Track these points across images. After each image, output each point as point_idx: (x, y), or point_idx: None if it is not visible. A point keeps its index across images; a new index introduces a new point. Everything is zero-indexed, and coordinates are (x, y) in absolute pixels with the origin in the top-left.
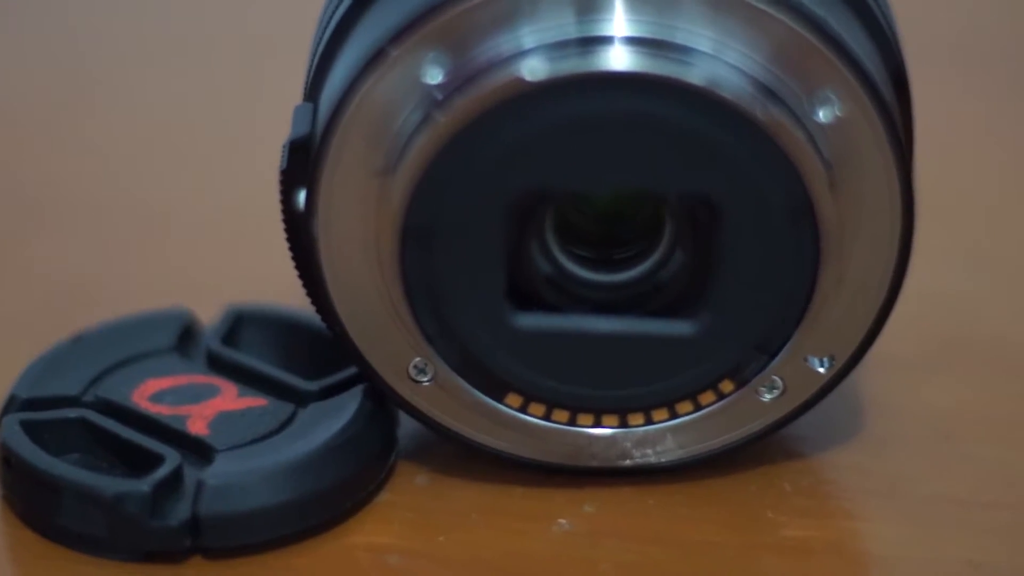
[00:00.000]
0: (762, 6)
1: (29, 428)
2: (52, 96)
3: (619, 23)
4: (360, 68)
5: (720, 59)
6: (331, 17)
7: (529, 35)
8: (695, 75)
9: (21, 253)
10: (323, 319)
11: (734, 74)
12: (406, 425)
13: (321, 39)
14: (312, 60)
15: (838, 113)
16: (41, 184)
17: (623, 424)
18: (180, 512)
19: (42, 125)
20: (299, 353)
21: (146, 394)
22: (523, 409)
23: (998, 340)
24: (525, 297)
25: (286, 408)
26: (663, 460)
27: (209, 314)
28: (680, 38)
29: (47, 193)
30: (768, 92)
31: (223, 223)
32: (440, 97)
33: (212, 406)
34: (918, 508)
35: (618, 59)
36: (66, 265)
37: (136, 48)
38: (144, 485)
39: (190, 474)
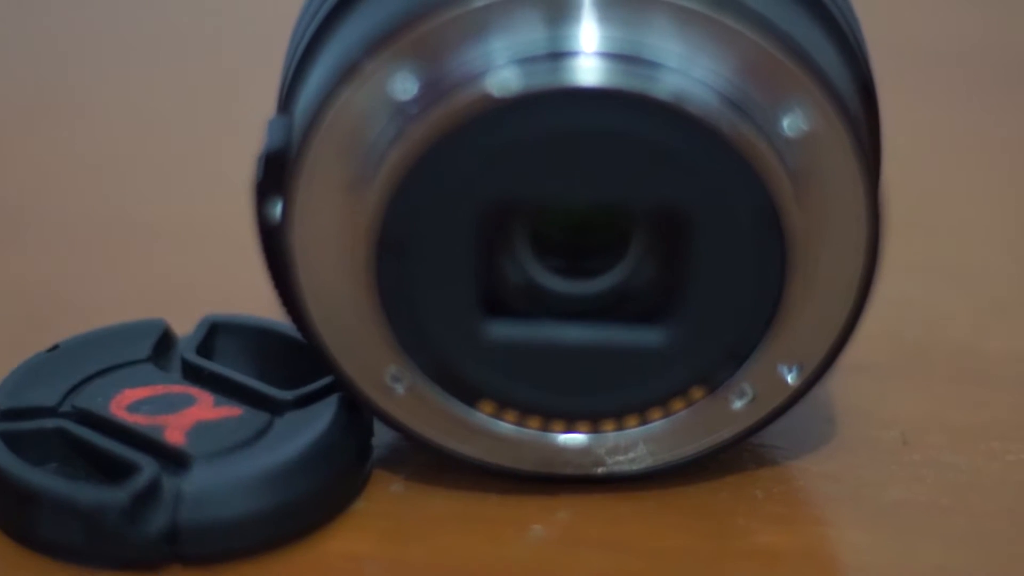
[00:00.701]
0: (729, 21)
1: (7, 438)
2: (30, 105)
3: (588, 38)
4: (334, 81)
5: (687, 74)
6: (305, 29)
7: (499, 50)
8: (662, 90)
9: (3, 263)
10: (298, 328)
11: (701, 88)
12: (381, 433)
13: (295, 51)
14: (286, 72)
15: (804, 127)
16: (18, 193)
17: (595, 430)
18: (158, 521)
19: (19, 133)
20: (274, 362)
21: (123, 404)
22: (496, 416)
23: (964, 348)
24: (497, 306)
25: (262, 417)
26: (636, 467)
27: (186, 325)
28: (648, 53)
29: (24, 202)
30: (734, 106)
31: (200, 234)
32: (413, 111)
33: (189, 415)
34: (888, 514)
35: (587, 74)
36: (42, 275)
37: (115, 57)
38: (122, 494)
39: (168, 483)
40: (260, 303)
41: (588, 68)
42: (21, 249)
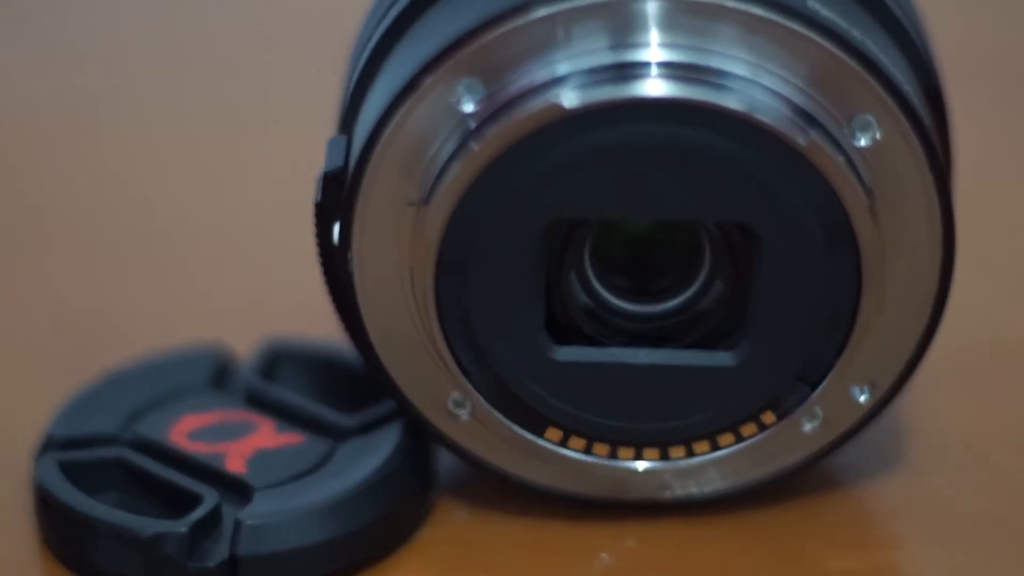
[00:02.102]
0: (798, 28)
1: (66, 468)
2: (72, 120)
3: (654, 48)
4: (393, 99)
5: (757, 83)
6: (364, 48)
7: (563, 62)
8: (732, 100)
9: (48, 290)
10: (359, 353)
11: (771, 98)
12: (444, 460)
13: (355, 70)
14: (346, 92)
15: (877, 137)
16: (66, 215)
17: (664, 457)
18: (218, 553)
19: (61, 154)
20: (336, 388)
21: (183, 431)
22: (563, 443)
23: None
24: (563, 329)
25: (324, 444)
26: (705, 492)
27: (242, 346)
28: (716, 62)
29: (74, 224)
30: (806, 116)
31: (258, 254)
32: (474, 126)
33: (250, 443)
34: (963, 533)
35: (654, 85)
36: (95, 297)
37: (156, 66)
38: (182, 526)
39: (228, 514)
40: (323, 325)
41: (655, 79)
42: (72, 270)
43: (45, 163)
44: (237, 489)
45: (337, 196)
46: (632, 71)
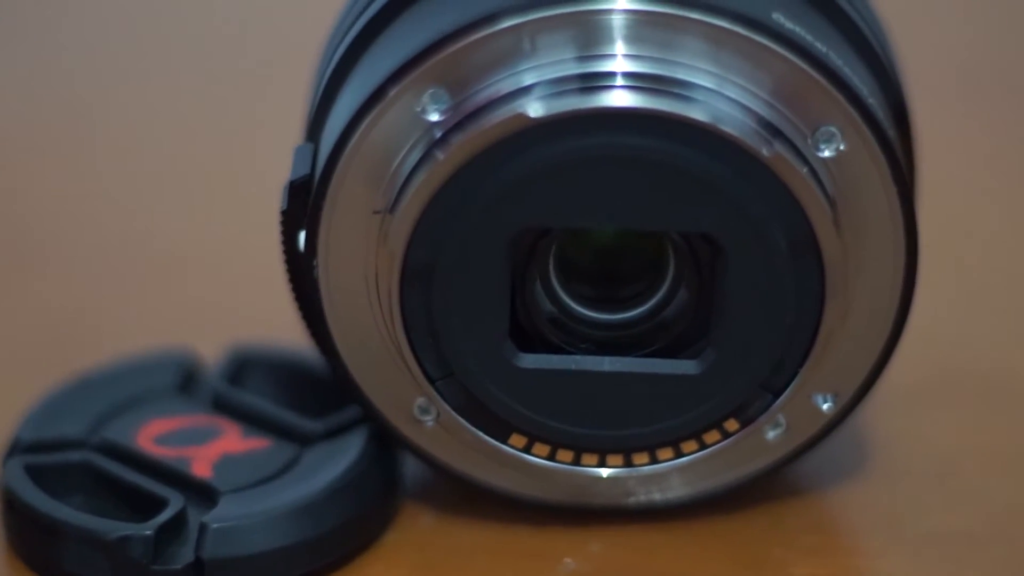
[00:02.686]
0: (763, 41)
1: (32, 472)
2: (52, 130)
3: (619, 60)
4: (359, 107)
5: (722, 94)
6: (331, 57)
7: (529, 72)
8: (697, 111)
9: (20, 288)
10: (325, 359)
11: (736, 110)
12: (410, 465)
13: (322, 79)
14: (313, 100)
15: (841, 148)
16: (40, 218)
17: (628, 464)
18: (183, 556)
19: (41, 158)
20: (302, 393)
21: (150, 435)
22: (527, 450)
23: (998, 372)
24: (528, 337)
25: (290, 449)
26: (669, 498)
27: (209, 351)
28: (681, 74)
29: (47, 227)
30: (771, 128)
31: (225, 260)
32: (439, 135)
33: (216, 447)
34: (924, 544)
35: (619, 96)
36: (64, 301)
37: (140, 81)
38: (147, 529)
39: (194, 517)
40: (289, 331)
41: (620, 90)
42: (43, 275)
43: (19, 171)
44: (203, 493)
45: (303, 204)
46: (597, 82)
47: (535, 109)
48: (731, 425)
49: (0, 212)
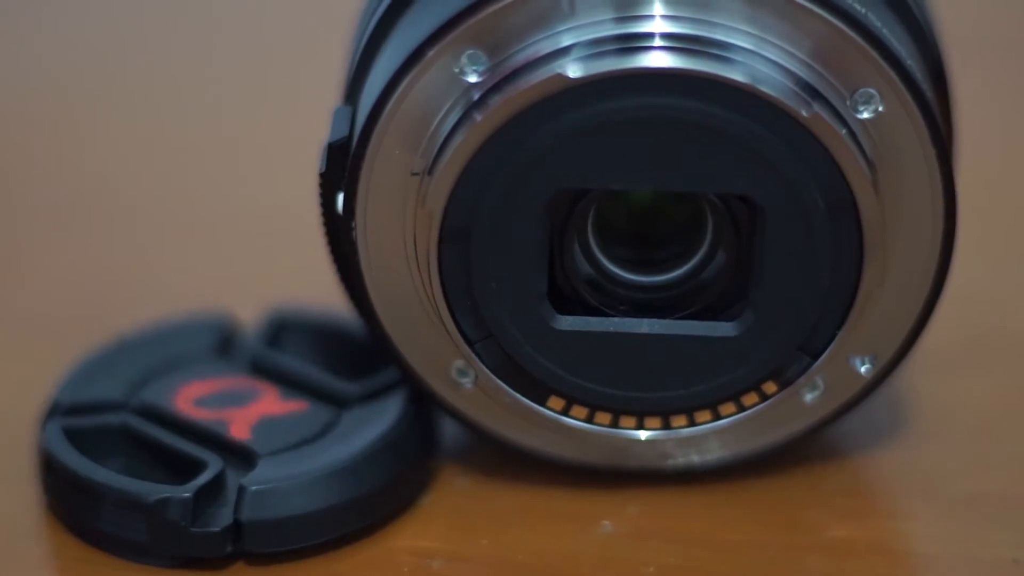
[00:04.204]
0: (802, 2)
1: (71, 434)
2: (92, 91)
3: (658, 21)
4: (398, 69)
5: (760, 55)
6: (369, 19)
7: (567, 33)
8: (736, 72)
9: (58, 252)
10: (363, 321)
11: (774, 71)
12: (447, 427)
13: (360, 41)
14: (351, 63)
15: (880, 110)
16: (80, 182)
17: (666, 426)
18: (222, 518)
19: (83, 121)
20: (341, 356)
21: (188, 398)
22: (565, 412)
23: None
24: (566, 299)
25: (328, 412)
26: (706, 461)
27: (248, 314)
28: (720, 35)
29: (86, 191)
30: (809, 89)
31: (264, 223)
32: (477, 96)
33: (254, 410)
34: (961, 505)
35: (658, 57)
36: (104, 264)
37: (181, 43)
38: (186, 491)
39: (232, 479)
40: (327, 294)
41: (659, 51)
42: (82, 238)
43: (59, 137)
44: (241, 455)
45: (341, 166)
46: (636, 43)
47: (574, 70)
48: (769, 387)
49: (40, 176)
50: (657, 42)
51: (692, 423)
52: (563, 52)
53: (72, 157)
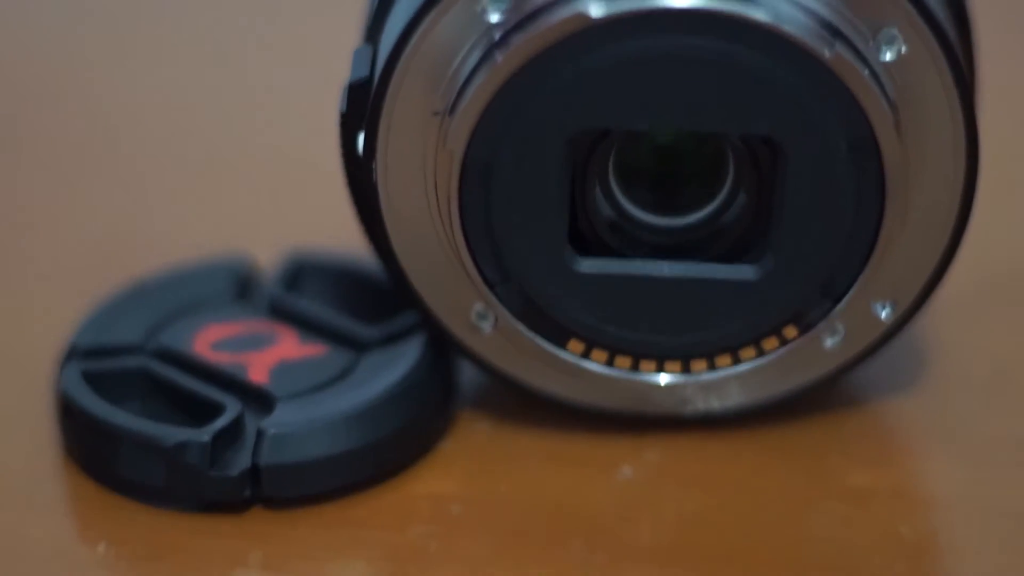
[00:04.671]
0: None
1: (89, 377)
2: (107, 39)
3: None
4: (419, 9)
5: None
6: None
7: None
8: (759, 11)
9: (75, 196)
10: (383, 265)
11: (798, 10)
12: (467, 372)
13: None
14: (371, 3)
15: (902, 51)
16: (96, 127)
17: (686, 371)
18: (240, 462)
19: (98, 69)
20: (360, 299)
21: (207, 342)
22: (585, 355)
23: None
24: (587, 241)
25: (347, 355)
26: (726, 407)
27: (267, 258)
28: None
29: (102, 135)
30: (832, 29)
31: (283, 165)
32: (499, 36)
33: (273, 354)
34: (981, 450)
35: None
36: (122, 208)
37: None
38: (204, 435)
39: (250, 423)
40: (347, 237)
41: None
42: (98, 183)
43: (74, 81)
44: (260, 399)
45: (362, 106)
46: None
47: (596, 9)
48: (790, 332)
49: (55, 122)
50: None
51: (712, 368)
52: None
53: (88, 103)
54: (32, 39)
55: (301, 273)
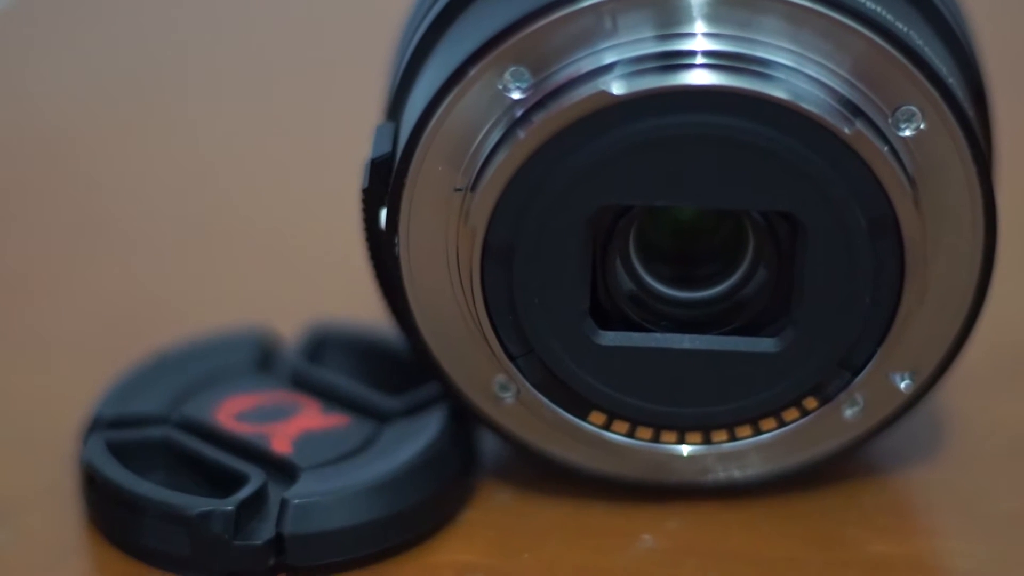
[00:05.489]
0: (843, 19)
1: (114, 448)
2: (130, 112)
3: (700, 38)
4: (441, 86)
5: (802, 72)
6: (412, 36)
7: (610, 51)
8: (777, 89)
9: (101, 268)
10: (405, 337)
11: (816, 88)
12: (488, 442)
13: (403, 59)
14: (393, 80)
15: (921, 127)
16: (123, 199)
17: (707, 441)
18: (264, 531)
19: (112, 140)
20: (382, 371)
21: (229, 412)
22: (606, 427)
23: None
24: (608, 315)
25: (369, 426)
26: (747, 476)
27: (289, 330)
28: (761, 52)
29: (128, 208)
30: (851, 106)
31: (306, 239)
32: (520, 113)
33: (295, 424)
34: (999, 525)
35: (700, 74)
36: (146, 280)
37: (211, 62)
38: (228, 504)
39: (274, 493)
40: (368, 309)
41: (701, 69)
42: (124, 255)
43: (98, 156)
44: (283, 469)
45: (384, 182)
46: (678, 60)
47: (617, 87)
48: (810, 403)
49: (82, 193)
50: (699, 59)
51: (733, 438)
52: (606, 69)
53: (112, 176)
54: (49, 108)
55: (323, 344)
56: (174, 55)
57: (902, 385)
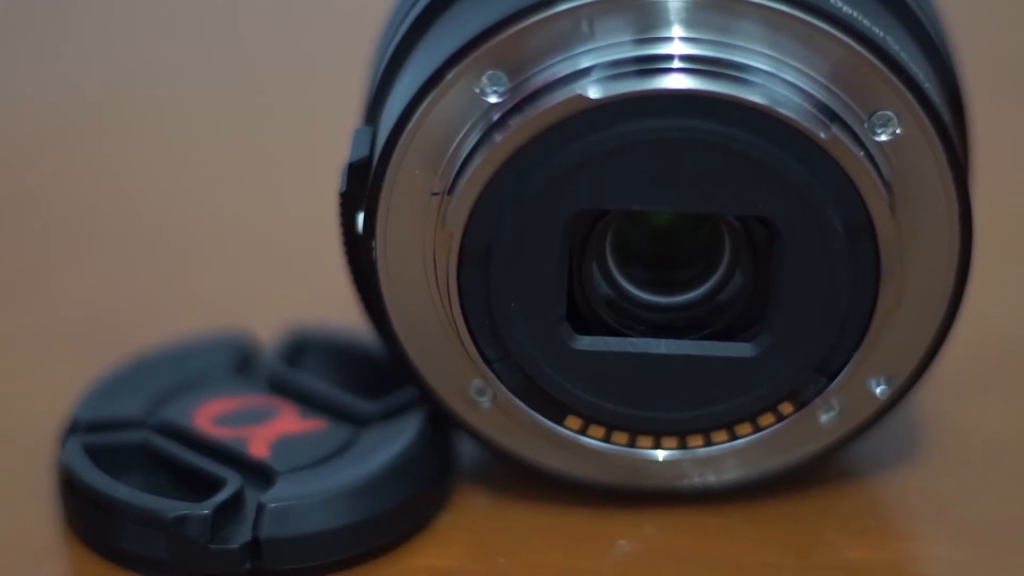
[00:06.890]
0: (820, 24)
1: (91, 451)
2: (110, 111)
3: (677, 43)
4: (418, 90)
5: (778, 77)
6: (390, 40)
7: (587, 55)
8: (754, 94)
9: (78, 271)
10: (383, 341)
11: (793, 93)
12: (465, 447)
13: (381, 62)
14: (371, 83)
15: (897, 132)
16: (98, 202)
17: (683, 446)
18: (241, 535)
19: (98, 141)
20: (359, 375)
21: (207, 416)
22: (582, 431)
23: None
24: (584, 319)
25: (347, 430)
26: (723, 481)
27: (267, 334)
28: (738, 56)
29: (105, 210)
30: (827, 111)
31: (283, 243)
32: (497, 117)
33: (273, 428)
34: (975, 529)
35: (677, 79)
36: (123, 283)
37: (195, 62)
38: (205, 508)
39: (251, 497)
40: (346, 313)
41: (678, 73)
42: (101, 257)
43: (80, 156)
44: (260, 473)
45: (362, 186)
46: (655, 64)
47: (593, 91)
48: (785, 408)
49: (59, 195)
50: (676, 64)
51: (709, 443)
52: (583, 73)
53: (93, 176)
54: (42, 109)
55: (301, 348)
56: (163, 56)
57: (878, 391)
